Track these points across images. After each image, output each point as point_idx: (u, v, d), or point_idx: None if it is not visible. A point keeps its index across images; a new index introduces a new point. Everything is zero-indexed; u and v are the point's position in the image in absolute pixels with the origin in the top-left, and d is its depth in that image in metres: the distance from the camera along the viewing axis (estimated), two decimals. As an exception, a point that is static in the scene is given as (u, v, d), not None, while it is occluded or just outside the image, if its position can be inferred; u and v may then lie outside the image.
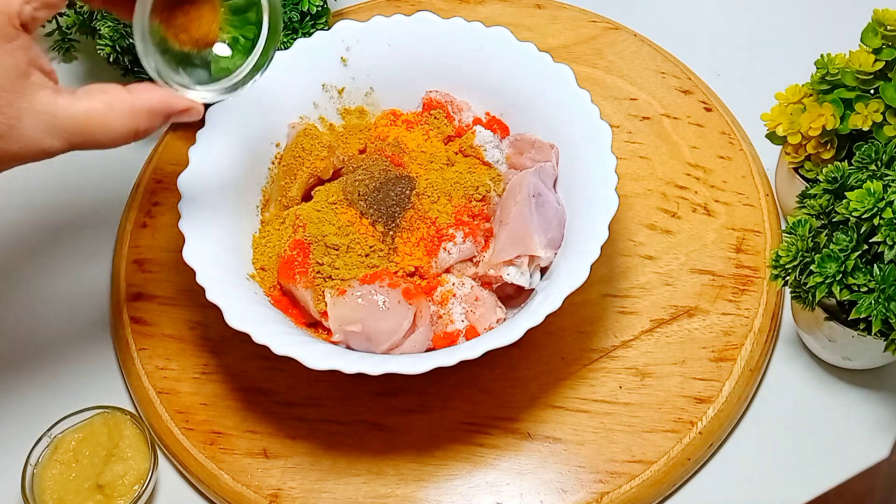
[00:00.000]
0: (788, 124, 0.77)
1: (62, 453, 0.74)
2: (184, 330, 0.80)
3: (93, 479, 0.73)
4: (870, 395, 0.77)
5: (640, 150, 0.87)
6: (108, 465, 0.73)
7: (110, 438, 0.74)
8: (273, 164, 0.82)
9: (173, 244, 0.83)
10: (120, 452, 0.73)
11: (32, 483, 0.73)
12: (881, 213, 0.66)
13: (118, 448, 0.74)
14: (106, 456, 0.74)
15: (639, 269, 0.82)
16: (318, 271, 0.75)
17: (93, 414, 0.75)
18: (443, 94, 0.83)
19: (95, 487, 0.73)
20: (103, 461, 0.73)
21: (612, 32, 0.94)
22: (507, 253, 0.75)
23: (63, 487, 0.73)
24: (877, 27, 0.75)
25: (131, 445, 0.74)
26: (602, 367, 0.77)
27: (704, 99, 0.90)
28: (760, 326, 0.78)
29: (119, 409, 0.75)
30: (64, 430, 0.74)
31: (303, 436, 0.76)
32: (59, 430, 0.74)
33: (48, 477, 0.73)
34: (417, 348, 0.74)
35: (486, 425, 0.76)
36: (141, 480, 0.73)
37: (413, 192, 0.78)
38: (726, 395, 0.76)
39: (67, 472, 0.73)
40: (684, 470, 0.74)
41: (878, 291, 0.66)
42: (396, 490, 0.73)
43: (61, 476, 0.73)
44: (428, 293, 0.75)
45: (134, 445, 0.74)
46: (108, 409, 0.75)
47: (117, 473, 0.72)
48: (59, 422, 0.74)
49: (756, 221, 0.83)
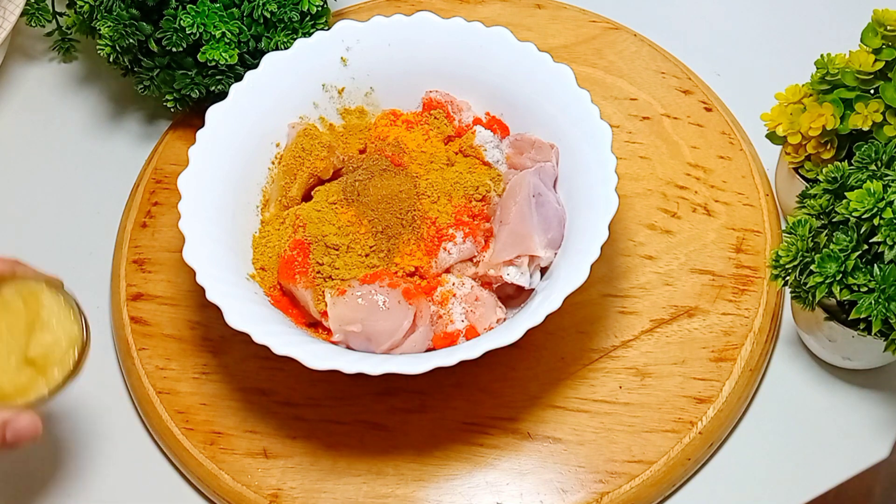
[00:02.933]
0: (788, 124, 0.77)
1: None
2: (184, 330, 0.81)
3: (17, 354, 0.67)
4: (870, 395, 0.77)
5: (640, 150, 0.87)
6: (33, 337, 0.67)
7: (28, 308, 0.68)
8: (273, 164, 0.82)
9: (173, 244, 0.83)
10: (43, 322, 0.68)
11: None
12: (881, 213, 0.66)
13: (39, 318, 0.68)
14: (26, 328, 0.68)
15: (639, 269, 0.82)
16: (318, 271, 0.75)
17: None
18: (443, 94, 0.83)
19: (24, 362, 0.67)
20: (24, 333, 0.68)
21: (612, 32, 0.94)
22: (507, 253, 0.75)
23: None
24: (877, 27, 0.75)
25: (54, 313, 0.68)
26: (602, 367, 0.77)
27: (704, 99, 0.90)
28: (760, 326, 0.78)
29: (31, 277, 0.69)
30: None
31: (303, 436, 0.76)
32: None
33: None
34: (417, 348, 0.74)
35: (486, 425, 0.76)
36: (74, 346, 0.67)
37: (413, 192, 0.78)
38: (726, 395, 0.76)
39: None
40: (684, 470, 0.74)
41: (878, 291, 0.66)
42: (396, 490, 0.73)
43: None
44: (428, 293, 0.75)
45: (57, 313, 0.68)
46: (16, 279, 0.69)
47: (46, 343, 0.67)
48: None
49: (756, 221, 0.83)
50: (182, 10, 0.84)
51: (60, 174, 0.91)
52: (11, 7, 0.91)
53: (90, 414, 0.79)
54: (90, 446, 0.78)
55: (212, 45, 0.84)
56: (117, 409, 0.80)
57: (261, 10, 0.85)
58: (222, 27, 0.84)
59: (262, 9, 0.85)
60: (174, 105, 0.89)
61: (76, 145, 0.93)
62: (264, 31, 0.87)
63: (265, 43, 0.86)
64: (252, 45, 0.87)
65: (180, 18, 0.84)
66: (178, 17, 0.84)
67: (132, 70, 0.89)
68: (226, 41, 0.84)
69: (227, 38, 0.84)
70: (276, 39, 0.86)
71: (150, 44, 0.86)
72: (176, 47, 0.85)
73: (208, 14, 0.84)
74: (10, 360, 0.67)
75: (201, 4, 0.84)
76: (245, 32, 0.86)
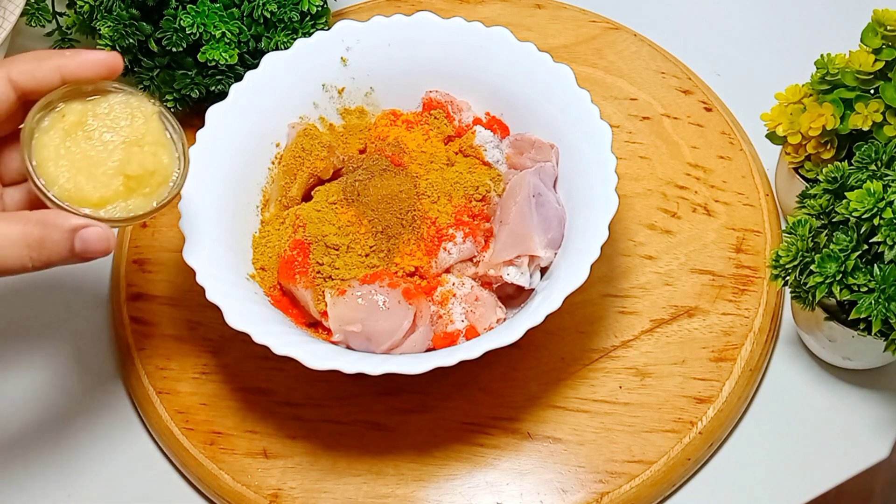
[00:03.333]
0: (788, 124, 0.77)
1: (72, 124, 0.65)
2: (184, 330, 0.81)
3: (114, 165, 0.64)
4: (870, 395, 0.77)
5: (640, 150, 0.87)
6: (133, 155, 0.65)
7: (133, 126, 0.66)
8: (273, 164, 0.82)
9: (173, 244, 0.83)
10: (147, 144, 0.65)
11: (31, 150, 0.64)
12: (881, 213, 0.66)
13: (145, 139, 0.65)
14: (128, 143, 0.65)
15: (639, 269, 0.82)
16: (318, 271, 0.75)
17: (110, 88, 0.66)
18: (443, 94, 0.83)
19: (117, 173, 0.64)
20: (123, 148, 0.65)
21: (612, 32, 0.94)
22: (507, 253, 0.75)
23: (74, 164, 0.64)
24: (877, 27, 0.75)
25: (161, 143, 0.66)
26: (602, 367, 0.77)
27: (704, 99, 0.90)
28: (760, 326, 0.78)
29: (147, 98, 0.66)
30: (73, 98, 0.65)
31: (303, 436, 0.76)
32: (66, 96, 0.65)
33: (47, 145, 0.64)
34: (417, 348, 0.74)
35: (486, 425, 0.76)
36: (168, 181, 0.65)
37: (413, 192, 0.78)
38: (726, 395, 0.76)
39: (76, 148, 0.64)
40: (684, 470, 0.74)
41: (878, 291, 0.66)
42: (396, 490, 0.73)
43: (69, 151, 0.64)
44: (428, 293, 0.75)
45: (164, 143, 0.66)
46: (132, 94, 0.66)
47: (144, 166, 0.64)
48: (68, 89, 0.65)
49: (756, 221, 0.83)
50: (182, 10, 0.84)
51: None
52: (11, 7, 0.91)
53: (90, 414, 0.79)
54: (90, 446, 0.78)
55: (212, 45, 0.84)
56: (117, 409, 0.80)
57: (261, 10, 0.85)
58: (222, 27, 0.84)
59: (262, 9, 0.85)
60: (174, 105, 0.89)
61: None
62: (264, 31, 0.87)
63: (265, 43, 0.86)
64: (252, 45, 0.87)
65: (180, 18, 0.84)
66: (178, 17, 0.84)
67: (132, 70, 0.89)
68: (226, 41, 0.84)
69: (227, 38, 0.84)
70: (276, 39, 0.86)
71: (150, 44, 0.86)
72: (176, 47, 0.85)
73: (208, 14, 0.84)
74: (103, 169, 0.65)
75: (201, 4, 0.84)
76: (245, 32, 0.86)
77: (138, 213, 0.66)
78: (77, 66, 0.65)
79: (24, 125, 0.64)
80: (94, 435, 0.79)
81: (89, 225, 0.63)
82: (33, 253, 0.62)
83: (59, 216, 0.63)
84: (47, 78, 0.65)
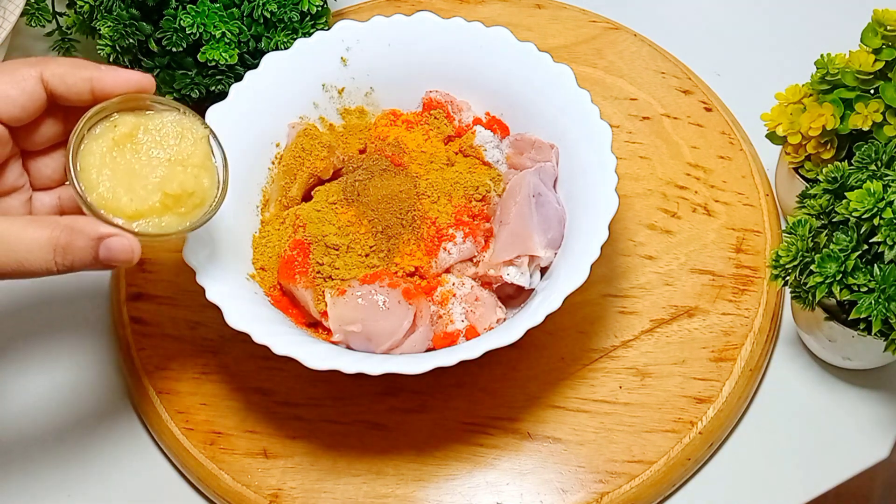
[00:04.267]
0: (788, 124, 0.77)
1: (122, 136, 0.66)
2: (184, 330, 0.81)
3: (154, 182, 0.66)
4: (870, 395, 0.77)
5: (640, 150, 0.87)
6: (176, 174, 0.66)
7: (181, 144, 0.67)
8: (273, 164, 0.82)
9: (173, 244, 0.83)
10: (191, 165, 0.66)
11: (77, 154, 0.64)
12: (881, 213, 0.66)
13: (190, 161, 0.66)
14: (170, 162, 0.66)
15: (639, 269, 0.82)
16: (318, 271, 0.75)
17: (165, 105, 0.67)
18: (443, 94, 0.83)
19: (156, 190, 0.65)
20: (166, 166, 0.66)
21: (612, 32, 0.95)
22: (507, 253, 0.75)
23: (116, 174, 0.65)
24: (877, 27, 0.75)
25: (205, 167, 0.67)
26: (602, 367, 0.77)
27: (704, 99, 0.90)
28: (760, 326, 0.78)
29: (198, 121, 0.68)
30: (129, 110, 0.66)
31: (303, 436, 0.76)
32: (121, 106, 0.66)
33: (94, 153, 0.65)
34: (417, 348, 0.74)
35: (486, 425, 0.76)
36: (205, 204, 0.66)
37: (413, 192, 0.78)
38: (726, 395, 0.76)
39: (121, 159, 0.65)
40: (684, 470, 0.74)
41: (878, 291, 0.66)
42: (396, 490, 0.73)
43: (114, 161, 0.65)
44: (428, 293, 0.75)
45: (208, 167, 0.67)
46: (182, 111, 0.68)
47: (185, 187, 0.65)
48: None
49: (756, 221, 0.83)
50: (182, 10, 0.84)
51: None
52: (11, 7, 0.91)
53: (90, 414, 0.79)
54: (90, 446, 0.78)
55: (212, 45, 0.84)
56: (117, 409, 0.80)
57: (261, 10, 0.85)
58: (222, 27, 0.84)
59: (262, 9, 0.85)
60: (174, 105, 0.89)
61: (76, 145, 0.93)
62: (264, 31, 0.87)
63: (265, 43, 0.86)
64: (252, 45, 0.87)
65: (180, 18, 0.84)
66: (178, 17, 0.84)
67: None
68: (226, 41, 0.84)
69: (227, 38, 0.84)
70: (276, 39, 0.86)
71: (150, 44, 0.86)
72: (176, 47, 0.85)
73: (208, 14, 0.84)
74: (143, 183, 0.66)
75: (201, 4, 0.84)
76: (245, 32, 0.86)
77: (169, 231, 0.66)
78: (110, 82, 0.66)
79: (75, 128, 0.65)
80: (94, 435, 0.79)
81: (116, 234, 0.63)
82: (58, 257, 0.62)
83: (88, 223, 0.63)
84: (77, 86, 0.65)
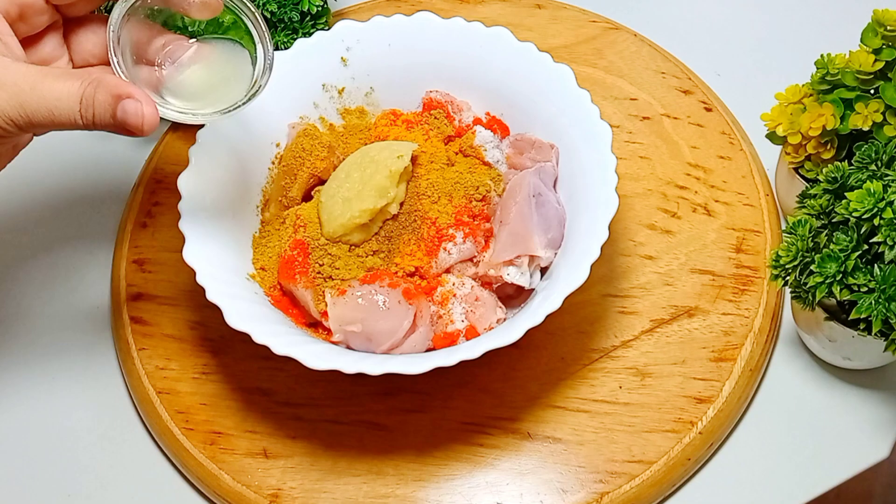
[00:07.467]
0: (788, 124, 0.77)
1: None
2: (184, 330, 0.81)
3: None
4: (870, 395, 0.77)
5: (640, 150, 0.87)
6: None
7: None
8: (273, 164, 0.82)
9: (173, 244, 0.83)
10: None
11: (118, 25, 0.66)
12: (881, 213, 0.66)
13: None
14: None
15: (639, 269, 0.82)
16: (318, 271, 0.75)
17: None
18: (443, 94, 0.83)
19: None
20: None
21: (612, 32, 0.95)
22: (507, 253, 0.75)
23: None
24: (877, 27, 0.75)
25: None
26: (602, 367, 0.77)
27: (704, 99, 0.90)
28: (760, 326, 0.78)
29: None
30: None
31: (303, 436, 0.76)
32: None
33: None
34: (417, 348, 0.74)
35: (486, 425, 0.76)
36: (243, 97, 0.68)
37: (413, 191, 0.78)
38: (726, 395, 0.76)
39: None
40: (684, 470, 0.74)
41: (879, 291, 0.66)
42: (396, 490, 0.73)
43: None
44: (428, 293, 0.75)
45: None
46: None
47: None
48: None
49: (756, 221, 0.83)
50: (182, 10, 0.84)
51: (60, 174, 0.91)
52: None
53: (90, 414, 0.79)
54: (90, 446, 0.78)
55: (212, 45, 0.84)
56: (117, 409, 0.80)
57: (261, 10, 0.85)
58: (222, 27, 0.84)
59: (262, 9, 0.85)
60: (174, 105, 0.88)
61: (76, 145, 0.93)
62: (264, 31, 0.87)
63: (265, 43, 0.86)
64: (252, 45, 0.87)
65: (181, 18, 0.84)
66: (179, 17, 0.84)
67: (132, 70, 0.89)
68: (226, 41, 0.84)
69: (227, 38, 0.84)
70: (276, 39, 0.86)
71: (150, 44, 0.86)
72: (176, 47, 0.85)
73: (208, 14, 0.84)
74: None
75: (201, 4, 0.84)
76: (245, 32, 0.86)
77: (196, 111, 0.67)
78: None
79: (118, 2, 0.66)
80: (94, 435, 0.79)
81: (133, 96, 0.64)
82: (83, 109, 0.63)
83: (115, 80, 0.64)
84: None
